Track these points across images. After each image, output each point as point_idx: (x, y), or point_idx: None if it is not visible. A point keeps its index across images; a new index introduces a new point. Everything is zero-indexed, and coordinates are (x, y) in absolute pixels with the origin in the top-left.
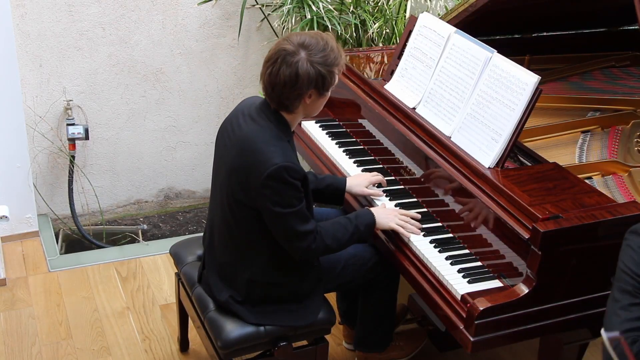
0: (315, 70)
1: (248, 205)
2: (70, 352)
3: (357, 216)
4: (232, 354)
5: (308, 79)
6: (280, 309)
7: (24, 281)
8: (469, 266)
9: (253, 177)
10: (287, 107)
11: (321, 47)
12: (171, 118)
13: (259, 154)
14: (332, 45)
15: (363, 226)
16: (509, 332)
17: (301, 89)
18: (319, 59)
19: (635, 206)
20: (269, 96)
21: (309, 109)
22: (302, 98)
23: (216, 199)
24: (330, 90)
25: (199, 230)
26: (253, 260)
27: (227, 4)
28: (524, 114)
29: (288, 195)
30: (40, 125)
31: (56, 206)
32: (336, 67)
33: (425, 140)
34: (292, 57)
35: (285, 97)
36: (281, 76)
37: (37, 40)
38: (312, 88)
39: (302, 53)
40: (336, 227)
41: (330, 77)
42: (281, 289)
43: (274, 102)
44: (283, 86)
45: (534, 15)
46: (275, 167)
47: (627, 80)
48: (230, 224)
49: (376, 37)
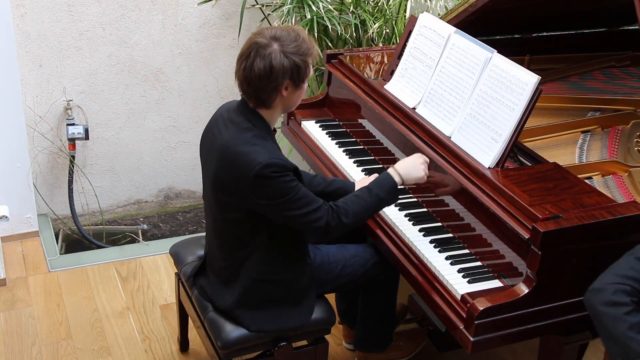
0: (290, 60)
1: (239, 208)
2: (70, 352)
3: (376, 184)
4: (232, 354)
5: (282, 69)
6: (277, 312)
7: (24, 281)
8: (469, 266)
9: (241, 181)
10: (265, 102)
11: (293, 38)
12: (171, 118)
13: (242, 156)
14: (304, 36)
15: (385, 193)
16: (509, 332)
17: (277, 80)
18: (292, 49)
19: (635, 206)
20: (245, 93)
21: (286, 102)
22: (278, 90)
23: (206, 204)
24: (307, 81)
25: (199, 230)
26: (249, 259)
27: (227, 4)
28: (524, 114)
29: (282, 187)
30: (40, 125)
31: (56, 206)
32: (310, 57)
33: (425, 140)
34: (264, 50)
35: (262, 90)
36: (255, 69)
37: (37, 40)
38: (288, 79)
39: (274, 45)
40: (353, 200)
41: (305, 67)
42: (278, 287)
43: (252, 99)
44: (259, 80)
45: (534, 15)
46: (260, 165)
47: (627, 80)
48: (222, 230)
49: (376, 37)
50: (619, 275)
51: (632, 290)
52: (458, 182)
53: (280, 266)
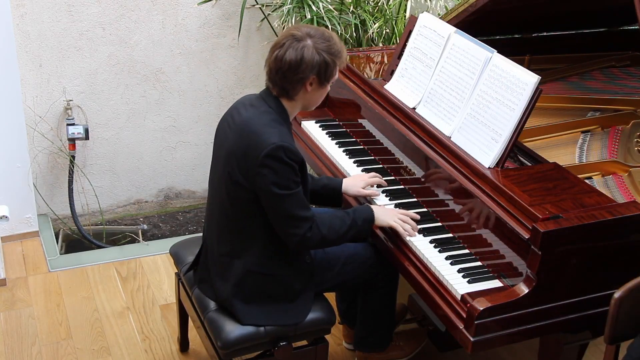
0: (320, 56)
1: (246, 187)
2: (70, 352)
3: (355, 210)
4: (232, 354)
5: (312, 63)
6: (273, 307)
7: (24, 281)
8: (469, 266)
9: (251, 158)
10: (288, 92)
11: (326, 38)
12: (171, 118)
13: (258, 135)
14: (336, 39)
15: (361, 220)
16: (509, 332)
17: (304, 72)
18: (324, 47)
19: (635, 206)
20: (272, 81)
21: (308, 98)
22: (303, 83)
23: (214, 187)
24: (330, 83)
25: (199, 230)
26: (248, 248)
27: (227, 4)
28: (524, 114)
29: (286, 176)
30: (40, 125)
31: (56, 206)
32: (338, 60)
33: (425, 140)
34: (298, 42)
35: (288, 81)
36: (287, 59)
37: (37, 40)
38: (314, 74)
39: (308, 40)
40: (333, 218)
41: (333, 66)
42: (274, 282)
43: (276, 87)
44: (288, 69)
45: (534, 15)
46: (273, 146)
47: (627, 80)
48: (227, 210)
49: (376, 37)
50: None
51: None
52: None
53: (279, 260)
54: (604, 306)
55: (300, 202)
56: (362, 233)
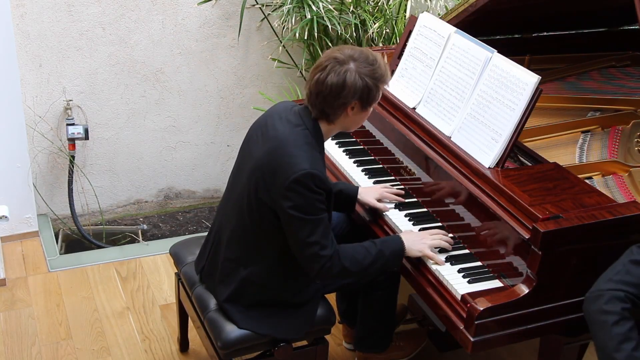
0: (363, 81)
1: (267, 205)
2: (70, 352)
3: (384, 241)
4: (232, 354)
5: (354, 89)
6: (272, 317)
7: (24, 281)
8: (469, 266)
9: (279, 178)
10: (328, 116)
11: (370, 61)
12: (171, 118)
13: (289, 156)
14: (381, 62)
15: (389, 251)
16: (509, 332)
17: (346, 98)
18: (367, 72)
19: (635, 206)
20: (312, 104)
21: (348, 122)
22: (345, 108)
23: (235, 192)
24: (373, 106)
25: (199, 230)
26: (257, 261)
27: (227, 4)
28: (524, 114)
29: (311, 203)
30: (40, 125)
31: (56, 206)
32: (382, 84)
33: (425, 140)
34: (341, 66)
35: (329, 105)
36: (328, 83)
37: (37, 40)
38: (357, 99)
39: (351, 64)
40: (356, 248)
41: (376, 91)
42: (274, 294)
43: (316, 110)
44: (328, 94)
45: (534, 15)
46: (304, 172)
47: (627, 80)
48: (245, 221)
49: (376, 37)
50: (614, 280)
51: (625, 297)
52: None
53: (286, 278)
54: None
55: (323, 229)
56: (391, 265)
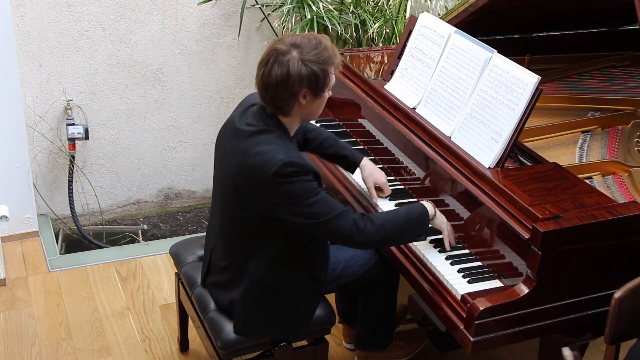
0: (308, 68)
1: (248, 214)
2: (70, 352)
3: (408, 207)
4: (232, 354)
5: (300, 77)
6: (271, 317)
7: (24, 281)
8: (469, 266)
9: (258, 182)
10: (282, 109)
11: (313, 46)
12: (171, 118)
13: (259, 155)
14: (326, 44)
15: (414, 215)
16: (509, 332)
17: (293, 88)
18: (311, 57)
19: (635, 206)
20: (264, 99)
21: (305, 111)
22: (295, 98)
23: (216, 204)
24: (327, 91)
25: (199, 230)
26: (251, 265)
27: (227, 4)
28: (524, 114)
29: (303, 187)
30: (40, 125)
31: (56, 206)
32: (331, 66)
33: (425, 140)
34: (284, 56)
35: (278, 97)
36: (273, 76)
37: (37, 40)
38: (305, 87)
39: (294, 52)
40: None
41: (324, 76)
42: (274, 295)
43: (269, 106)
44: (275, 86)
45: (534, 15)
46: (280, 163)
47: (627, 80)
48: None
49: (376, 37)
50: None
51: None
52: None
53: (287, 272)
54: (604, 306)
55: (333, 203)
56: (420, 230)
